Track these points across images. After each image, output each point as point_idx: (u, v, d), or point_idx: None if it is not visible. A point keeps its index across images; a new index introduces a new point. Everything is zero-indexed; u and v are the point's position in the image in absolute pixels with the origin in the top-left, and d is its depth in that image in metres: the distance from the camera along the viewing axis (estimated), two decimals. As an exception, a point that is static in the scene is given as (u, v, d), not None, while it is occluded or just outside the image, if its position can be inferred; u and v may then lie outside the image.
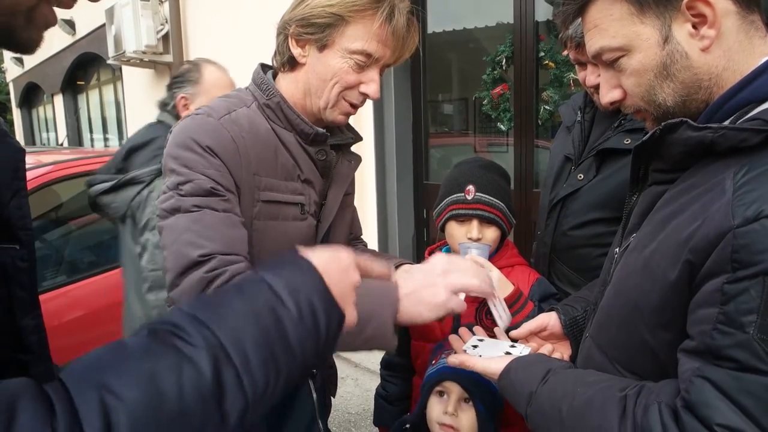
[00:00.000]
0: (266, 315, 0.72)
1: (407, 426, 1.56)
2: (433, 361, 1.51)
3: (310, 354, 0.76)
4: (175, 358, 0.62)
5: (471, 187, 1.61)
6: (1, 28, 0.71)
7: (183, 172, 1.20)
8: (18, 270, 0.78)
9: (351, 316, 0.86)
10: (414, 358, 1.75)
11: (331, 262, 0.85)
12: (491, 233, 1.63)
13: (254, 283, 0.76)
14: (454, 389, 1.41)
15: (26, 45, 0.74)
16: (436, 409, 1.43)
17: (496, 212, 1.61)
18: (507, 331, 1.39)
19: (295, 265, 0.81)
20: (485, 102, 4.05)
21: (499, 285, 1.49)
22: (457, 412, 1.40)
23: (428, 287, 1.16)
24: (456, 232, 1.64)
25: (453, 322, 1.55)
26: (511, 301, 1.50)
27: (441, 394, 1.44)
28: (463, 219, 1.63)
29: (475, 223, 1.61)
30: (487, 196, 1.61)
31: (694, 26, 0.87)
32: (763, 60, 0.86)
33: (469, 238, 1.60)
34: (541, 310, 1.49)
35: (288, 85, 1.36)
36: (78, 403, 0.55)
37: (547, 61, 3.65)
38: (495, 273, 1.51)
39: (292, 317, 0.74)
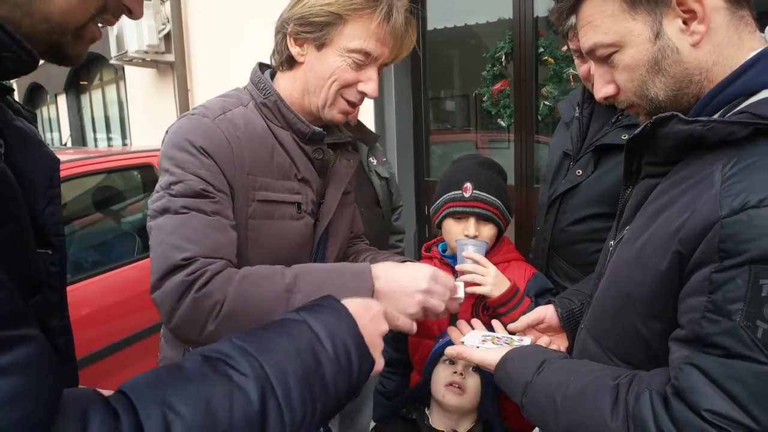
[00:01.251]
0: (307, 353, 0.78)
1: (404, 409, 1.59)
2: (441, 339, 1.56)
3: (343, 393, 0.82)
4: (228, 386, 0.68)
5: (468, 185, 1.62)
6: (50, 46, 0.74)
7: (175, 173, 1.21)
8: (50, 274, 0.82)
9: (379, 363, 0.92)
10: (412, 354, 1.76)
11: (363, 310, 0.92)
12: (488, 231, 1.64)
13: (296, 323, 0.82)
14: None
15: (73, 60, 0.78)
16: (444, 373, 1.49)
17: (494, 210, 1.62)
18: (504, 325, 1.41)
19: (332, 308, 0.87)
20: (485, 98, 4.06)
21: (495, 281, 1.51)
22: (465, 375, 1.46)
23: (406, 296, 1.20)
24: (453, 229, 1.65)
25: (450, 317, 1.56)
26: (507, 298, 1.51)
27: (451, 362, 1.50)
28: (460, 216, 1.64)
29: (472, 220, 1.62)
30: (484, 194, 1.62)
31: (685, 22, 0.89)
32: (752, 54, 0.88)
33: (466, 236, 1.61)
34: (537, 306, 1.51)
35: (286, 84, 1.37)
36: (142, 416, 0.60)
37: (546, 57, 3.66)
38: (491, 269, 1.53)
39: (329, 357, 0.79)
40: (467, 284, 1.50)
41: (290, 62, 1.35)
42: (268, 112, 1.35)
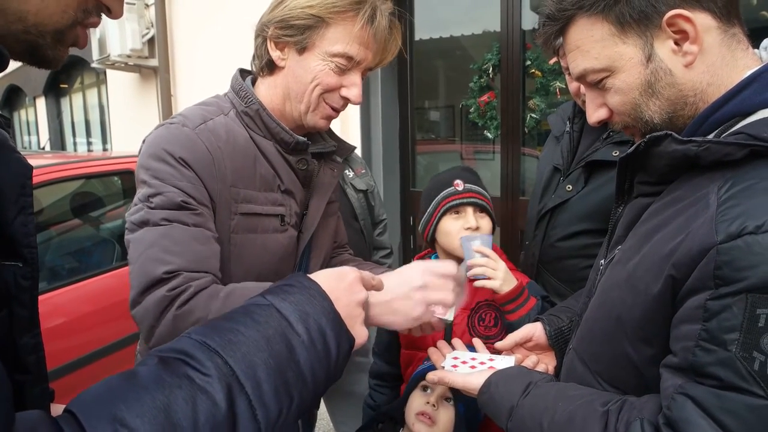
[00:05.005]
0: (277, 341, 0.72)
1: (380, 425, 1.56)
2: (426, 361, 1.51)
3: (321, 378, 0.76)
4: (188, 389, 0.62)
5: (459, 181, 1.64)
6: (27, 46, 0.71)
7: (154, 184, 1.16)
8: (20, 288, 0.76)
9: (361, 335, 0.86)
10: (404, 367, 1.73)
11: (337, 282, 0.86)
12: (486, 224, 1.63)
13: (263, 308, 0.76)
14: (438, 386, 1.41)
15: (50, 62, 0.75)
16: (418, 401, 1.44)
17: (487, 201, 1.64)
18: (492, 343, 1.38)
19: (301, 287, 0.81)
20: (472, 110, 4.05)
21: (505, 278, 1.49)
22: (438, 407, 1.42)
23: (404, 299, 1.09)
24: (452, 227, 1.62)
25: (445, 329, 1.52)
26: (516, 295, 1.50)
27: (425, 389, 1.45)
28: (458, 209, 1.62)
29: (470, 211, 1.61)
30: (476, 187, 1.64)
31: (676, 43, 0.87)
32: (748, 73, 0.86)
33: (468, 229, 1.59)
34: (543, 307, 1.51)
35: (267, 90, 1.32)
36: None
37: (533, 70, 3.67)
38: (502, 265, 1.51)
39: (303, 342, 0.74)
40: (473, 280, 1.48)
41: (270, 67, 1.30)
42: (249, 121, 1.30)
